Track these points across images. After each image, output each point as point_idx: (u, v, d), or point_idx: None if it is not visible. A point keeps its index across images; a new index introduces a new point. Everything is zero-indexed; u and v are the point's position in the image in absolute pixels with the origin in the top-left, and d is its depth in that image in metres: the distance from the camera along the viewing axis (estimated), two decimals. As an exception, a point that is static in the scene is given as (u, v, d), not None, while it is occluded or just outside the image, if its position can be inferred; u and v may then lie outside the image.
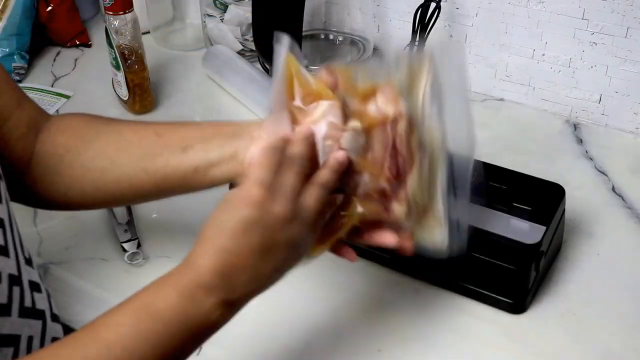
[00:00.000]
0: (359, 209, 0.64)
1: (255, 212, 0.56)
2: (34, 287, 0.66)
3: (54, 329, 0.69)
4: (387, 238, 0.66)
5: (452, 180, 0.67)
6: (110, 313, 0.55)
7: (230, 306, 0.57)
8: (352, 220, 0.65)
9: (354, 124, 0.62)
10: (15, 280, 0.62)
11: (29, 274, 0.66)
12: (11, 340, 0.61)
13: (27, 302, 0.64)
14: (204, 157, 0.68)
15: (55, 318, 0.70)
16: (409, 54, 0.73)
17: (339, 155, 0.61)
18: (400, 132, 0.63)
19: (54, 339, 0.69)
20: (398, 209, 0.65)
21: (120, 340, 0.53)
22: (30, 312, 0.64)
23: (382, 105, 0.63)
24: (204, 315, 0.56)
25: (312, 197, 0.59)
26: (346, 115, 0.62)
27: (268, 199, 0.56)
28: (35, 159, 0.72)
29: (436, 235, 0.68)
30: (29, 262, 0.67)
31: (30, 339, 0.64)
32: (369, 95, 0.64)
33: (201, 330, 0.57)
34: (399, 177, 0.64)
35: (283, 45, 0.61)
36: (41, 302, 0.67)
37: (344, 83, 0.63)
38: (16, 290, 0.62)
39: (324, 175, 0.60)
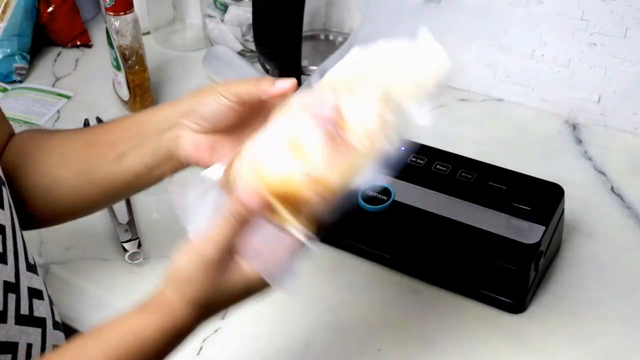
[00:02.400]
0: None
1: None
2: (34, 294, 0.66)
3: (56, 336, 0.69)
4: None
5: None
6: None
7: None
8: None
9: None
10: (11, 287, 0.62)
11: (30, 281, 0.65)
12: (8, 348, 0.61)
13: (24, 310, 0.63)
14: (141, 163, 0.67)
15: (57, 326, 0.70)
16: None
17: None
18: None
19: (55, 347, 0.68)
20: None
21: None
22: (28, 320, 0.64)
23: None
24: (185, 328, 0.57)
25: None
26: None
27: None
28: None
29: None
30: (32, 268, 0.66)
31: (29, 346, 0.64)
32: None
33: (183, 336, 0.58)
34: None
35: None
36: (42, 310, 0.66)
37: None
38: (12, 297, 0.62)
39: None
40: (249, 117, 0.65)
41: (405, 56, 0.60)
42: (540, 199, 0.83)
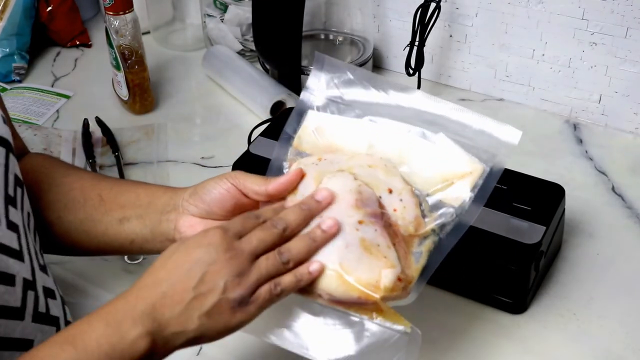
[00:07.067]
0: None
1: (200, 250, 0.58)
2: (49, 293, 0.66)
3: None
4: None
5: None
6: (40, 346, 0.55)
7: (158, 341, 0.56)
8: None
9: None
10: (29, 285, 0.62)
11: (44, 281, 0.66)
12: (23, 345, 0.61)
13: (41, 308, 0.64)
14: (139, 232, 0.70)
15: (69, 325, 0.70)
16: None
17: None
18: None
19: None
20: None
21: None
22: (44, 318, 0.64)
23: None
24: (129, 345, 0.54)
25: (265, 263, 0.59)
26: None
27: (220, 244, 0.58)
28: None
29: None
30: (43, 268, 0.67)
31: None
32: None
33: None
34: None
35: None
36: (55, 309, 0.67)
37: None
38: (30, 295, 0.62)
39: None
40: (245, 207, 0.67)
41: (431, 158, 0.67)
42: (541, 199, 0.82)
